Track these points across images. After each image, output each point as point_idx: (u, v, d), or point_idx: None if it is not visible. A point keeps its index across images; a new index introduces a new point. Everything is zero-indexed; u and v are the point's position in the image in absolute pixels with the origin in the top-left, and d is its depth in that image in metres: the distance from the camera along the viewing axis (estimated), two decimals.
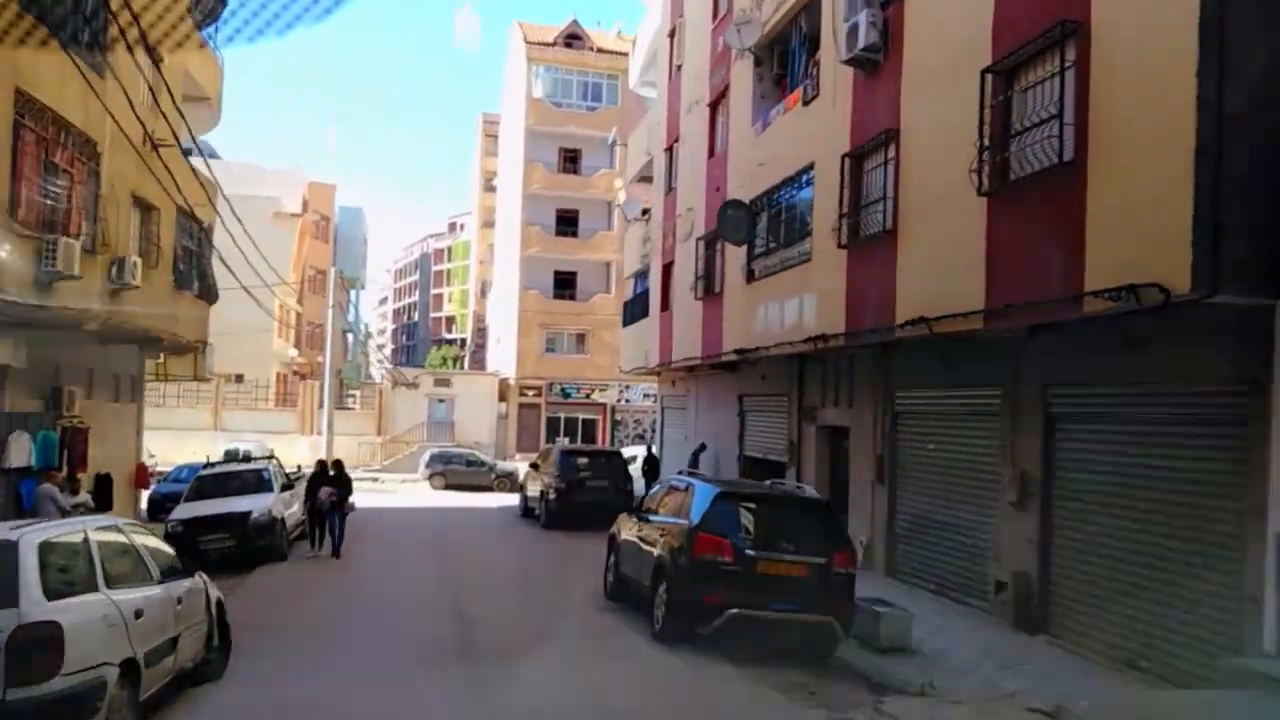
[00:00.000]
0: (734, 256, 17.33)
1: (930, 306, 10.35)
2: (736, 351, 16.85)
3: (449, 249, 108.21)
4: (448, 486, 35.48)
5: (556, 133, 42.18)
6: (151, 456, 23.77)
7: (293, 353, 42.38)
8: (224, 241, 20.74)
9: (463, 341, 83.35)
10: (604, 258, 42.21)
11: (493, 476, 35.64)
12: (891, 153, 11.62)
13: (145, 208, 16.62)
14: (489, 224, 75.21)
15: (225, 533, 13.60)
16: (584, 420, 43.27)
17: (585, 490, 19.09)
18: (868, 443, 13.91)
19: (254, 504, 14.31)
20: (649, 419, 42.89)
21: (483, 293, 75.49)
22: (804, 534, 9.32)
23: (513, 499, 27.56)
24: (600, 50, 42.98)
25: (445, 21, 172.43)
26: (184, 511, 14.29)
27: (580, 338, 42.31)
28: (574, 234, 42.38)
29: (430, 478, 35.80)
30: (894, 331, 11.17)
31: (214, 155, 34.71)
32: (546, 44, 42.39)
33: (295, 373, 47.13)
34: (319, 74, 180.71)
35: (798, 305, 14.36)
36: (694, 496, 9.75)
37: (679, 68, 22.13)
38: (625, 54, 42.49)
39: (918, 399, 12.88)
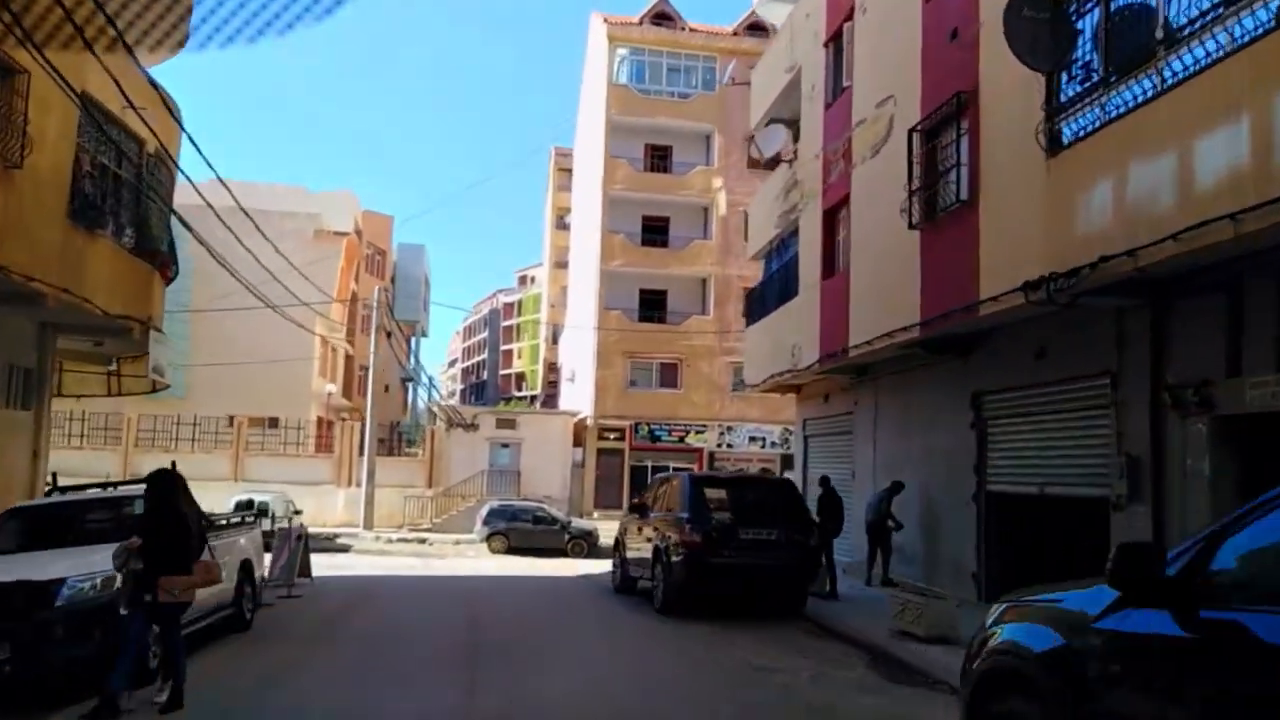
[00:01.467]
0: (1006, 125, 9.66)
1: None
2: (1051, 285, 8.81)
3: (519, 303, 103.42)
4: (510, 549, 28.08)
5: (643, 125, 35.48)
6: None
7: (330, 388, 35.97)
8: (246, 260, 14.84)
9: (532, 398, 76.92)
10: (699, 272, 34.89)
11: (566, 538, 28.09)
12: None
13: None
14: (561, 264, 69.13)
15: None
16: (676, 469, 35.35)
17: (738, 546, 11.27)
18: None
19: (78, 566, 6.77)
20: (752, 468, 34.81)
21: (554, 338, 69.19)
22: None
23: (591, 566, 19.95)
24: (693, 30, 36.41)
25: (509, 89, 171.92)
26: None
27: (671, 369, 34.78)
28: (663, 243, 35.29)
29: (489, 538, 28.43)
30: None
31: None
32: (631, 23, 36.03)
33: (342, 418, 40.78)
34: (394, 143, 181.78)
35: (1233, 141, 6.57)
36: None
37: None
38: (723, 32, 35.85)
39: None
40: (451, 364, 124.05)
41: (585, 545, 29.06)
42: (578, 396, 37.18)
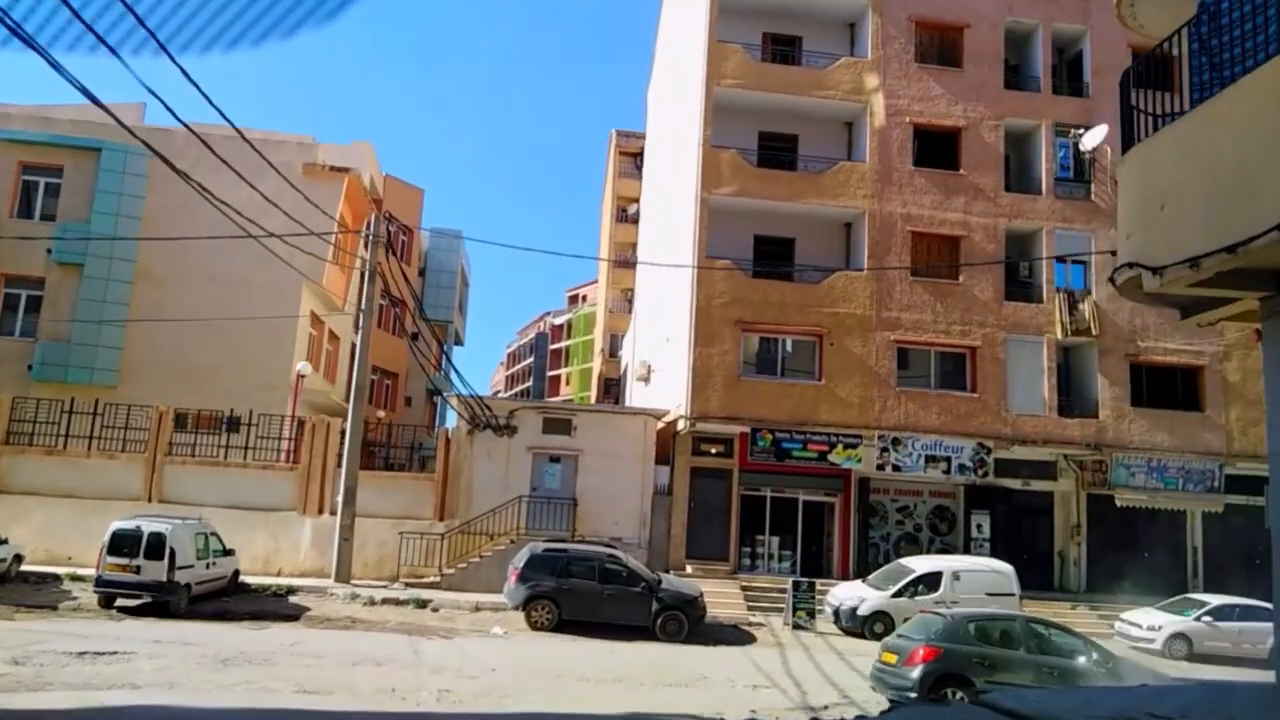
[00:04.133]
0: None
1: None
2: None
3: (568, 324, 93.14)
4: (561, 624, 16.92)
5: (762, 2, 24.58)
6: None
7: (302, 367, 24.79)
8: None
9: None
10: (845, 208, 23.59)
11: (655, 606, 16.95)
12: None
13: None
14: (623, 263, 58.46)
15: None
16: (806, 502, 23.76)
17: None
18: None
19: None
20: (922, 507, 23.34)
21: (610, 351, 58.19)
22: None
23: (736, 666, 8.71)
24: None
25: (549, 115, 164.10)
26: None
27: (806, 349, 23.33)
28: (790, 165, 24.07)
29: (528, 604, 17.40)
30: None
31: None
32: None
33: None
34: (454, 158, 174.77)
35: None
36: None
37: None
38: None
39: None
40: (494, 395, 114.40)
41: (684, 621, 17.60)
42: (661, 393, 25.80)
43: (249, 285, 26.97)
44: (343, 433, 21.59)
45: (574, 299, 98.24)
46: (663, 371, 26.17)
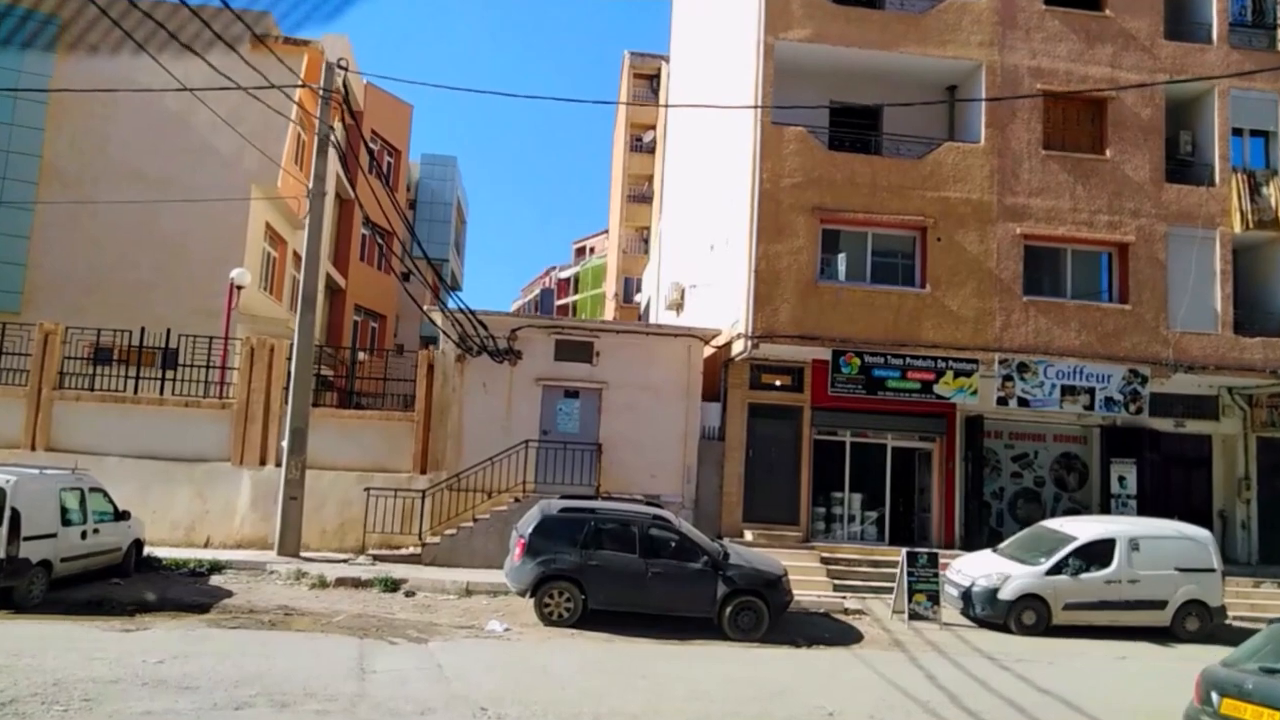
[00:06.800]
0: None
1: None
2: None
3: (575, 278, 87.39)
4: (587, 616, 11.37)
5: None
6: None
7: (239, 273, 18.80)
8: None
9: None
10: (952, 58, 17.79)
11: (720, 589, 11.31)
12: None
13: None
14: (638, 197, 52.70)
15: None
16: (896, 449, 18.29)
17: None
18: None
19: None
20: (1044, 455, 17.92)
21: (625, 297, 52.51)
22: None
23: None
24: None
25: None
26: None
27: (903, 246, 17.67)
28: (878, 3, 18.17)
29: (539, 588, 11.67)
30: None
31: None
32: None
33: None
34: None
35: None
36: None
37: None
38: None
39: None
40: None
41: (763, 611, 12.16)
42: (712, 309, 20.20)
43: (187, 190, 21.37)
44: (289, 365, 16.12)
45: (581, 251, 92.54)
46: (709, 287, 20.54)
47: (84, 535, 12.55)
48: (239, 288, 18.98)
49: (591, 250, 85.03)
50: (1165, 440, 18.61)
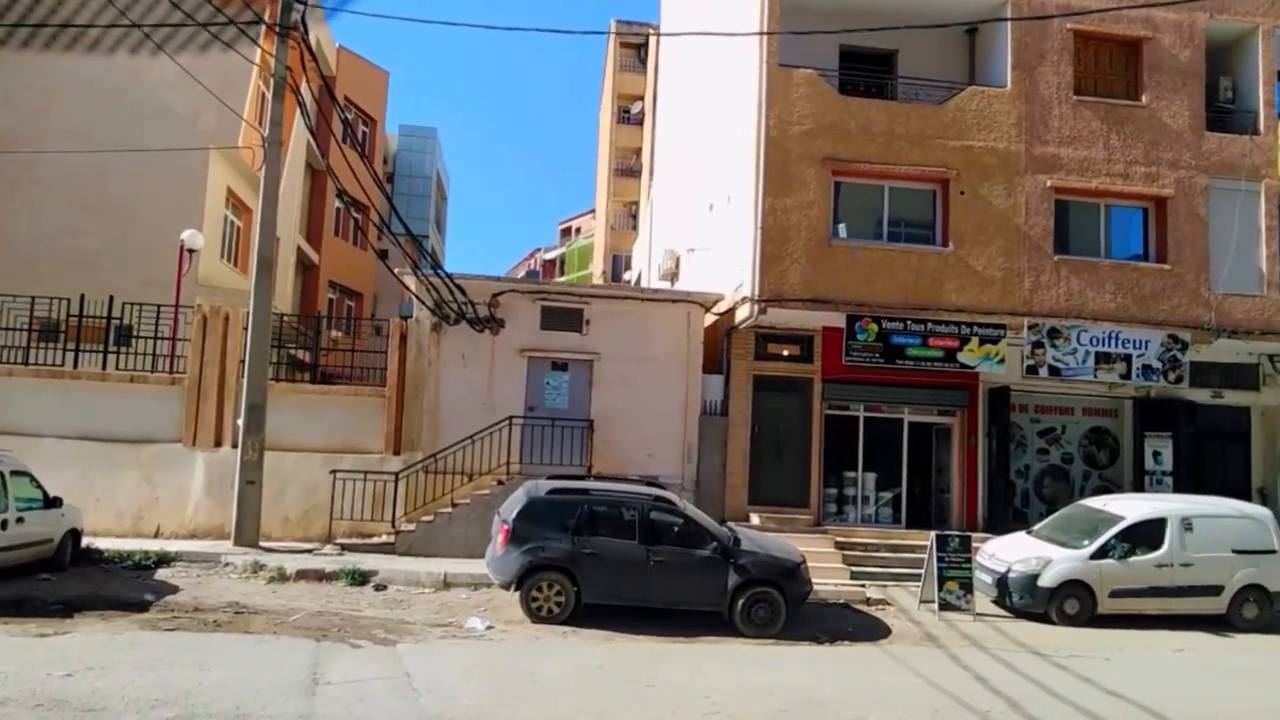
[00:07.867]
0: None
1: None
2: None
3: (560, 259, 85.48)
4: (580, 611, 9.77)
5: None
6: None
7: (190, 235, 16.94)
8: None
9: None
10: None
11: (732, 580, 9.74)
12: None
13: None
14: (625, 171, 50.99)
15: None
16: (913, 424, 16.84)
17: None
18: None
19: None
20: (1072, 429, 16.52)
21: (614, 275, 50.83)
22: None
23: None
24: None
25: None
26: None
27: (921, 201, 16.16)
28: None
29: (524, 580, 9.99)
30: None
31: None
32: None
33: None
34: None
35: None
36: None
37: None
38: None
39: None
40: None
41: (780, 603, 10.58)
42: (712, 273, 18.63)
43: (138, 153, 19.59)
44: (245, 333, 14.46)
45: (567, 232, 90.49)
46: (708, 251, 18.98)
47: (4, 525, 10.94)
48: (191, 251, 17.27)
49: (578, 231, 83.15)
50: (1202, 413, 17.25)
